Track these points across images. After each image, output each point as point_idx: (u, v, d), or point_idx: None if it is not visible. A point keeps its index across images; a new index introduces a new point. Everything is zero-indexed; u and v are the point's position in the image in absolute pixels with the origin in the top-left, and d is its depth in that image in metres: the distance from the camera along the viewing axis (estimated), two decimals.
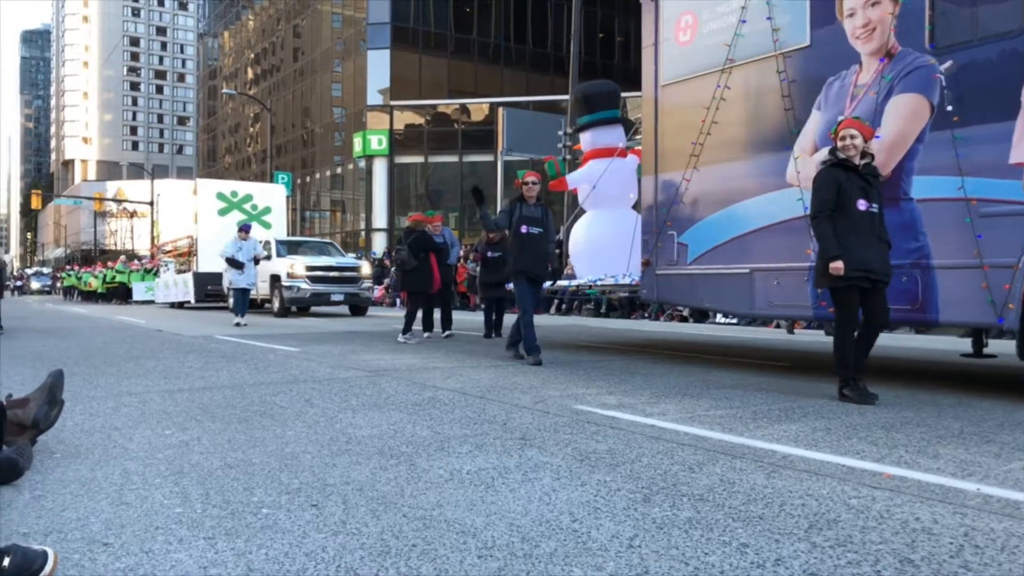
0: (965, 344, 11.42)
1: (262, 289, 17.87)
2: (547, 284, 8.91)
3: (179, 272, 24.57)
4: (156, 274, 29.25)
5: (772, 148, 6.79)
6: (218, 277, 20.49)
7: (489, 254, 11.66)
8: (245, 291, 14.30)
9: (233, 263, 14.38)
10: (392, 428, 4.21)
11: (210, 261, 20.89)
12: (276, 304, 17.84)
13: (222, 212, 22.04)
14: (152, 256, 40.01)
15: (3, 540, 2.29)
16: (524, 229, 7.65)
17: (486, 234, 11.73)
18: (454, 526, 2.56)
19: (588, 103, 10.96)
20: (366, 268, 19.35)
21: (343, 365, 7.31)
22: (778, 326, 15.33)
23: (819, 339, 12.15)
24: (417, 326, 10.70)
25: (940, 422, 4.56)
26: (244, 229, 14.98)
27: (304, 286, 17.30)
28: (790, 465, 3.44)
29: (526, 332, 7.55)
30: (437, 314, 11.53)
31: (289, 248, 18.90)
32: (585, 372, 6.94)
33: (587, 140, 10.95)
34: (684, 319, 17.43)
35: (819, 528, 2.55)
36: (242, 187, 23.96)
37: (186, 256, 23.94)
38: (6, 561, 2.01)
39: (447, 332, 11.33)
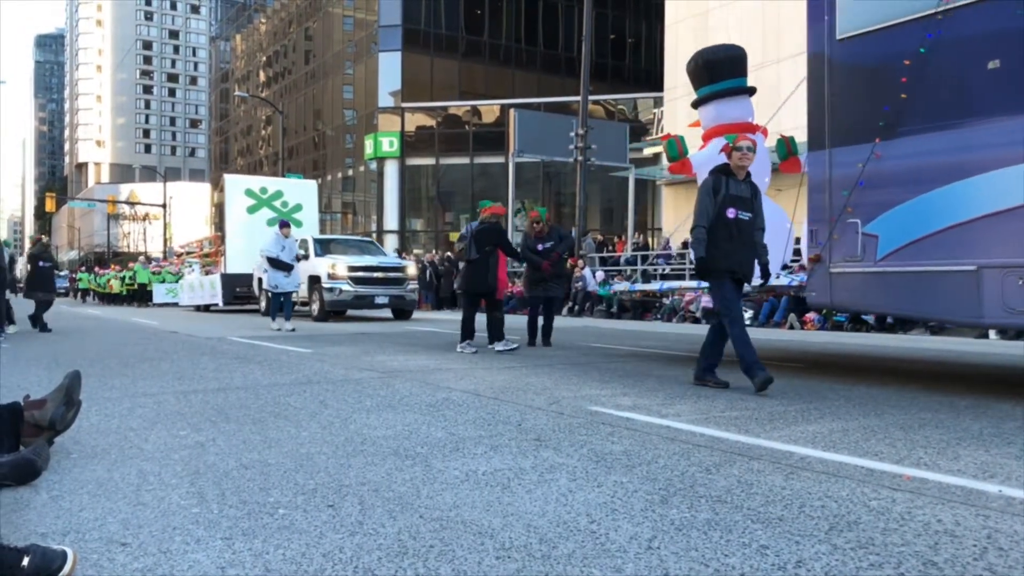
0: (979, 345, 11.34)
1: (300, 291, 16.30)
2: (749, 287, 6.94)
3: (205, 273, 23.53)
4: (179, 275, 28.92)
5: (1013, 109, 5.36)
6: (247, 278, 19.36)
7: (540, 247, 9.94)
8: (288, 294, 13.10)
9: (278, 264, 12.78)
10: (407, 429, 4.21)
11: (239, 261, 19.84)
12: (316, 308, 16.39)
13: (251, 209, 20.73)
14: (165, 258, 40.26)
15: (22, 540, 2.30)
16: (732, 213, 5.83)
17: (532, 224, 10.14)
18: (471, 527, 2.55)
19: (711, 70, 9.11)
20: (412, 268, 17.92)
21: (356, 366, 7.32)
22: (791, 327, 15.24)
23: (835, 340, 12.06)
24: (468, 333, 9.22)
25: (959, 423, 4.52)
26: (285, 225, 13.20)
27: (346, 288, 15.93)
28: (808, 466, 3.41)
29: (743, 349, 5.76)
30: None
31: (326, 247, 17.42)
32: (599, 373, 6.91)
33: (710, 115, 9.16)
34: (696, 320, 17.36)
35: (840, 530, 2.53)
36: (272, 183, 22.53)
37: (213, 256, 22.88)
38: (26, 561, 2.01)
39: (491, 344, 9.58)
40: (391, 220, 43.21)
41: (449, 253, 27.60)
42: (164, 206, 54.89)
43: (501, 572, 2.17)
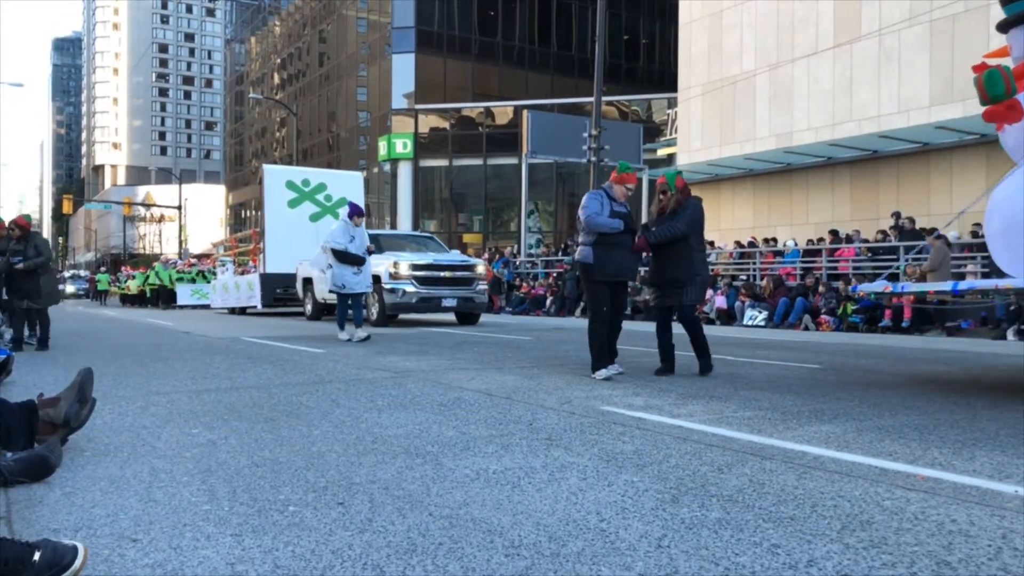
0: (996, 346, 11.23)
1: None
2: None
3: (240, 273, 21.97)
4: (210, 275, 27.87)
5: None
6: (289, 278, 17.71)
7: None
8: (358, 296, 10.82)
9: (346, 257, 10.51)
10: (418, 428, 4.21)
11: (279, 260, 18.27)
12: (375, 311, 14.20)
13: (292, 203, 18.88)
14: (181, 259, 40.47)
15: (34, 535, 2.31)
16: None
17: (658, 200, 6.88)
18: (481, 525, 2.54)
19: None
20: (481, 267, 15.63)
21: (368, 366, 7.33)
22: (806, 328, 15.17)
23: (850, 341, 11.99)
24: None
25: (975, 424, 4.47)
26: (357, 212, 10.88)
27: (411, 289, 13.97)
28: (821, 466, 3.38)
29: None
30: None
31: (379, 244, 14.84)
32: None
33: None
34: (711, 321, 17.31)
35: (852, 529, 2.50)
36: (315, 175, 20.48)
37: (251, 254, 21.51)
38: (37, 555, 2.03)
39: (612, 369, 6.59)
40: (404, 222, 43.28)
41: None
42: (179, 208, 55.25)
43: (510, 570, 2.16)
